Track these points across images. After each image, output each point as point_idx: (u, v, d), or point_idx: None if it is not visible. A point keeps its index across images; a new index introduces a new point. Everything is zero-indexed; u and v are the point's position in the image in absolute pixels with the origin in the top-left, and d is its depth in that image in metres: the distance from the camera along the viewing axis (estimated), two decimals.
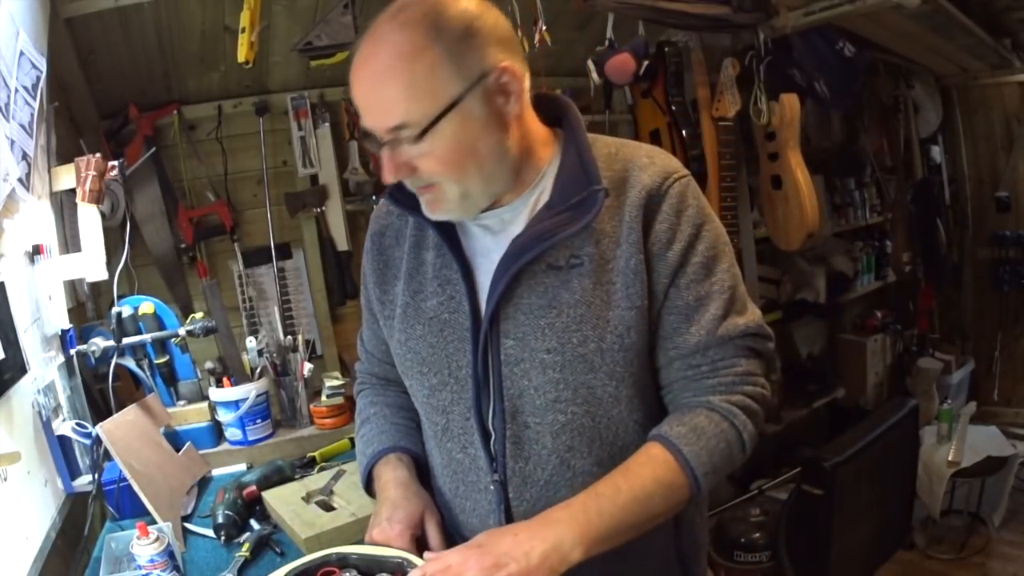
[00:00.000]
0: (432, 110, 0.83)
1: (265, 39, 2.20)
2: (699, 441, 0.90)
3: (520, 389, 0.93)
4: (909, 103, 3.67)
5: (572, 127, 0.96)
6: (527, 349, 0.92)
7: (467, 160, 0.87)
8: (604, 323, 0.90)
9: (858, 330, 3.68)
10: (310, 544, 1.13)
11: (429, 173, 0.88)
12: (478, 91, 0.84)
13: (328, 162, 2.59)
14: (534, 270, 0.91)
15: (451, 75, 0.83)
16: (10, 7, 1.26)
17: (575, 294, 0.90)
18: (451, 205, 0.90)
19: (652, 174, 0.93)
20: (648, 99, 2.48)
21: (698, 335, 0.92)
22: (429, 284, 0.99)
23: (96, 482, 1.29)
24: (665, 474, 0.89)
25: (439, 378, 0.99)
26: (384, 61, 0.83)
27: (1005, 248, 3.70)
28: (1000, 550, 2.80)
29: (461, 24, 0.83)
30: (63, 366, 1.42)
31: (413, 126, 0.84)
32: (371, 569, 0.93)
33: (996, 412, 3.65)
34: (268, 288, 2.64)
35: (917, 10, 2.41)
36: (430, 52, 0.82)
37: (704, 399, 0.93)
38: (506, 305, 0.92)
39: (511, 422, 0.94)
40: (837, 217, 3.50)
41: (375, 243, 1.08)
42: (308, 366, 1.73)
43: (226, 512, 1.26)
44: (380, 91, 0.84)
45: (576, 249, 0.91)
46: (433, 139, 0.84)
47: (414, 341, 1.00)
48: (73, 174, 1.45)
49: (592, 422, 0.93)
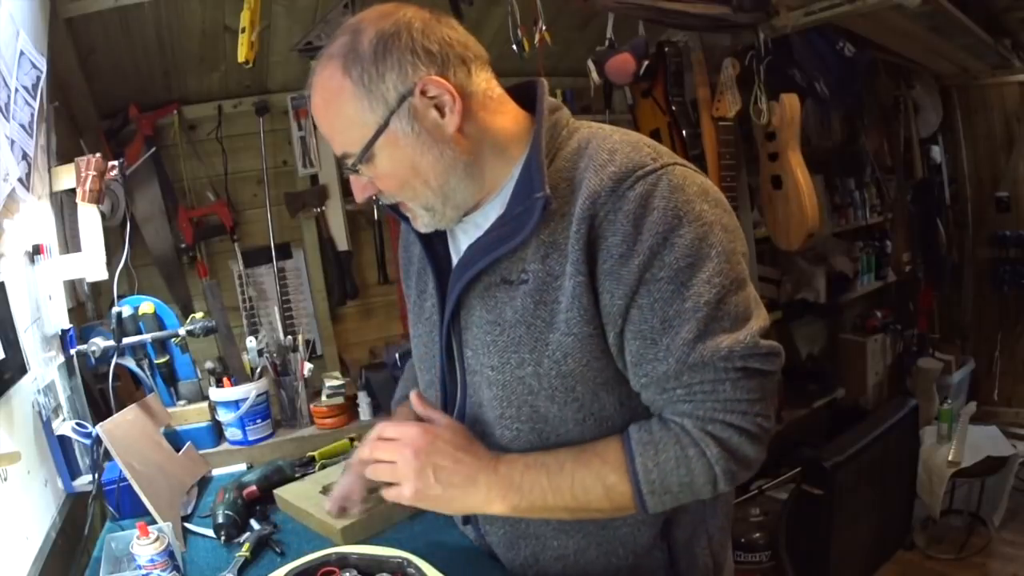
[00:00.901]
0: (363, 138, 0.85)
1: (265, 39, 2.20)
2: (655, 457, 0.83)
3: (479, 399, 0.94)
4: (909, 103, 3.67)
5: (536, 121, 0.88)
6: (479, 362, 0.92)
7: (412, 179, 0.87)
8: (543, 346, 0.85)
9: (858, 330, 3.68)
10: (346, 534, 1.13)
11: (387, 193, 0.90)
12: (403, 112, 0.83)
13: (328, 162, 2.59)
14: (489, 282, 0.88)
15: (370, 103, 0.83)
16: (10, 7, 1.26)
17: (517, 312, 0.86)
18: (424, 219, 0.91)
19: (605, 176, 0.80)
20: (648, 99, 2.48)
21: (666, 363, 0.80)
22: (429, 284, 1.01)
23: (96, 482, 1.29)
24: (610, 475, 0.84)
25: (429, 376, 1.04)
26: (317, 98, 0.87)
27: (1005, 248, 3.70)
28: (1000, 550, 2.80)
29: (370, 51, 0.82)
30: (63, 366, 1.42)
31: (351, 155, 0.87)
32: (371, 569, 0.93)
33: (996, 412, 3.64)
34: (268, 288, 2.64)
35: (917, 10, 2.41)
36: (346, 85, 0.83)
37: (680, 420, 0.83)
38: (465, 315, 0.92)
39: (472, 429, 0.95)
40: (837, 217, 3.50)
41: (404, 239, 1.11)
42: (308, 366, 1.73)
43: (226, 512, 1.25)
44: (322, 125, 0.89)
45: (526, 263, 0.85)
46: (372, 165, 0.87)
47: (416, 339, 1.05)
48: (73, 174, 1.45)
49: (539, 439, 0.90)
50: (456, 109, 0.84)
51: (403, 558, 0.92)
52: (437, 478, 0.87)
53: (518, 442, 0.92)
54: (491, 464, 0.89)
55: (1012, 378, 3.79)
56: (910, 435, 2.85)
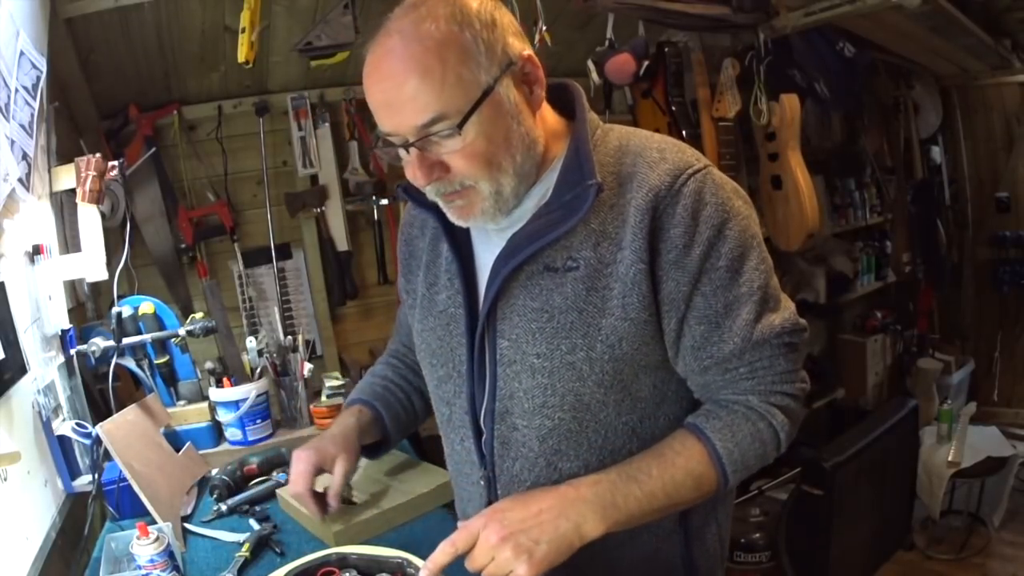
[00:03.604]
0: (468, 99, 0.80)
1: (265, 39, 2.20)
2: (734, 438, 0.89)
3: (511, 390, 0.92)
4: (909, 103, 3.67)
5: (578, 119, 0.92)
6: (519, 352, 0.90)
7: (502, 152, 0.84)
8: (595, 331, 0.87)
9: (858, 330, 3.68)
10: (339, 537, 1.14)
11: (463, 172, 0.84)
12: (507, 79, 0.82)
13: (328, 162, 2.59)
14: (531, 271, 0.89)
15: (483, 62, 0.80)
16: (10, 7, 1.26)
17: (567, 299, 0.87)
18: (485, 206, 0.87)
19: (662, 172, 0.86)
20: (648, 99, 2.48)
21: (732, 342, 0.87)
22: (442, 277, 1.00)
23: (96, 482, 1.29)
24: (696, 467, 0.88)
25: (445, 370, 1.00)
26: (412, 53, 0.79)
27: (1005, 248, 3.70)
28: (1000, 550, 2.80)
29: (486, 13, 0.82)
30: (63, 366, 1.42)
31: (450, 117, 0.80)
32: (371, 569, 0.93)
33: (996, 412, 3.64)
34: (268, 288, 2.65)
35: (917, 10, 2.41)
36: (460, 39, 0.79)
37: (744, 398, 0.90)
38: (503, 305, 0.91)
39: (500, 423, 0.94)
40: (837, 217, 3.50)
41: (403, 233, 1.09)
42: (308, 366, 1.73)
43: (222, 477, 1.37)
44: (409, 85, 0.79)
45: (573, 251, 0.87)
46: (470, 130, 0.81)
47: (427, 333, 1.02)
48: (73, 174, 1.45)
49: (579, 427, 0.92)
50: (543, 87, 0.86)
51: (403, 558, 0.92)
52: (534, 539, 0.81)
53: (557, 431, 0.92)
54: (571, 494, 0.85)
55: (1012, 378, 3.79)
56: (910, 435, 2.85)
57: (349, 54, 2.07)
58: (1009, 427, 3.17)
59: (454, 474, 1.07)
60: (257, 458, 1.48)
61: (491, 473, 0.96)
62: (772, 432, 0.90)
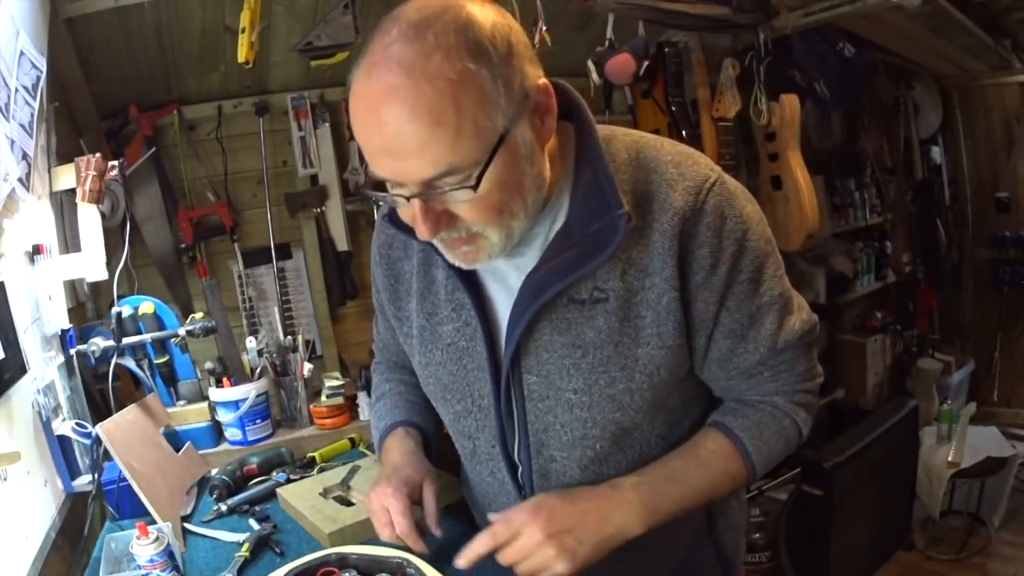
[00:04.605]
0: (483, 149, 0.70)
1: (265, 39, 2.20)
2: (761, 436, 0.91)
3: (545, 424, 0.90)
4: (909, 104, 3.67)
5: (585, 133, 0.83)
6: (551, 387, 0.88)
7: (515, 199, 0.75)
8: (632, 362, 0.85)
9: (858, 330, 3.68)
10: (334, 539, 1.13)
11: (472, 221, 0.75)
12: (523, 118, 0.73)
13: (328, 162, 2.59)
14: (555, 304, 0.84)
15: (501, 104, 0.70)
16: (10, 7, 1.26)
17: (601, 333, 0.84)
18: (494, 251, 0.79)
19: (684, 192, 0.81)
20: (648, 99, 2.48)
21: (758, 353, 0.88)
22: (443, 307, 0.93)
23: (96, 482, 1.29)
24: (729, 465, 0.91)
25: (463, 405, 0.96)
26: (422, 97, 0.66)
27: (1005, 248, 3.70)
28: (1000, 550, 2.80)
29: (501, 39, 0.70)
30: (63, 366, 1.42)
31: (464, 170, 0.70)
32: (371, 569, 0.93)
33: (996, 412, 3.64)
34: (268, 288, 2.64)
35: (917, 11, 2.41)
36: (478, 80, 0.68)
37: (769, 399, 0.93)
38: (526, 341, 0.86)
39: (537, 456, 0.92)
40: (837, 217, 3.50)
41: (383, 255, 1.00)
42: (308, 366, 1.73)
43: (222, 477, 1.38)
44: (417, 136, 0.67)
45: (599, 281, 0.83)
46: (484, 182, 0.71)
47: (434, 367, 0.96)
48: (73, 174, 1.45)
49: (618, 449, 0.92)
50: (554, 117, 0.78)
51: (403, 558, 0.92)
52: (578, 539, 0.82)
53: (598, 459, 0.92)
54: (616, 497, 0.86)
55: (1012, 378, 3.79)
56: (910, 436, 2.85)
57: (349, 54, 2.07)
58: (1009, 427, 3.17)
59: (482, 502, 1.06)
60: (257, 458, 1.48)
61: None
62: (796, 429, 0.94)
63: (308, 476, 1.43)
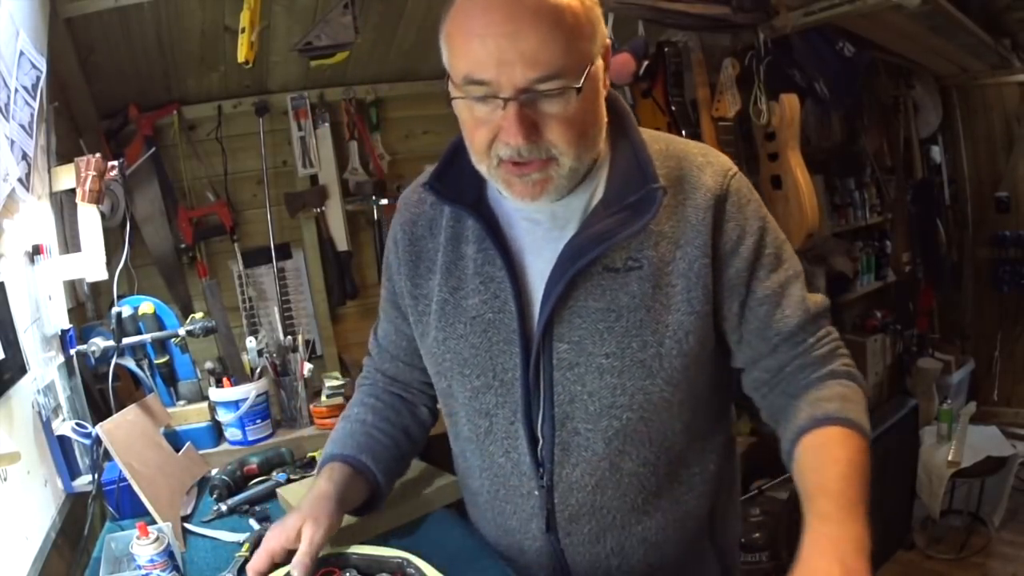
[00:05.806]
0: (583, 64, 0.77)
1: (265, 39, 2.20)
2: (857, 408, 0.91)
3: (572, 395, 0.90)
4: (909, 103, 3.67)
5: (622, 119, 0.93)
6: (583, 353, 0.89)
7: (592, 127, 0.84)
8: (663, 327, 0.88)
9: (858, 330, 3.67)
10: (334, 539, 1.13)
11: (554, 140, 0.80)
12: (600, 59, 0.83)
13: (328, 162, 2.59)
14: (590, 272, 0.88)
15: (595, 36, 0.81)
16: (10, 7, 1.26)
17: (634, 298, 0.88)
18: (561, 182, 0.83)
19: (713, 174, 0.91)
20: (648, 99, 2.48)
21: (795, 315, 0.92)
22: (470, 281, 0.94)
23: (96, 482, 1.29)
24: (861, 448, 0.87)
25: (483, 380, 0.95)
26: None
27: (1005, 248, 3.70)
28: (1000, 550, 2.80)
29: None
30: (63, 366, 1.42)
31: (568, 77, 0.76)
32: (371, 569, 0.93)
33: (996, 412, 3.64)
34: (268, 288, 2.65)
35: (917, 10, 2.41)
36: (582, 5, 0.78)
37: (827, 370, 0.93)
38: (561, 308, 0.89)
39: (560, 428, 0.92)
40: (837, 217, 3.50)
41: (406, 232, 1.01)
42: (308, 366, 1.73)
43: (222, 477, 1.38)
44: (535, 34, 0.74)
45: (633, 251, 0.88)
46: (580, 95, 0.78)
47: (454, 341, 0.96)
48: (73, 174, 1.45)
49: (645, 427, 0.92)
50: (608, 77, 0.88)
51: (403, 558, 0.92)
52: None
53: (623, 432, 0.91)
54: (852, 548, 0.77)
55: (1012, 378, 3.79)
56: (910, 435, 2.85)
57: (349, 54, 2.07)
58: (1009, 427, 3.17)
59: (491, 488, 1.01)
60: (257, 458, 1.47)
61: (548, 481, 0.94)
62: (863, 390, 0.95)
63: (308, 476, 1.43)
